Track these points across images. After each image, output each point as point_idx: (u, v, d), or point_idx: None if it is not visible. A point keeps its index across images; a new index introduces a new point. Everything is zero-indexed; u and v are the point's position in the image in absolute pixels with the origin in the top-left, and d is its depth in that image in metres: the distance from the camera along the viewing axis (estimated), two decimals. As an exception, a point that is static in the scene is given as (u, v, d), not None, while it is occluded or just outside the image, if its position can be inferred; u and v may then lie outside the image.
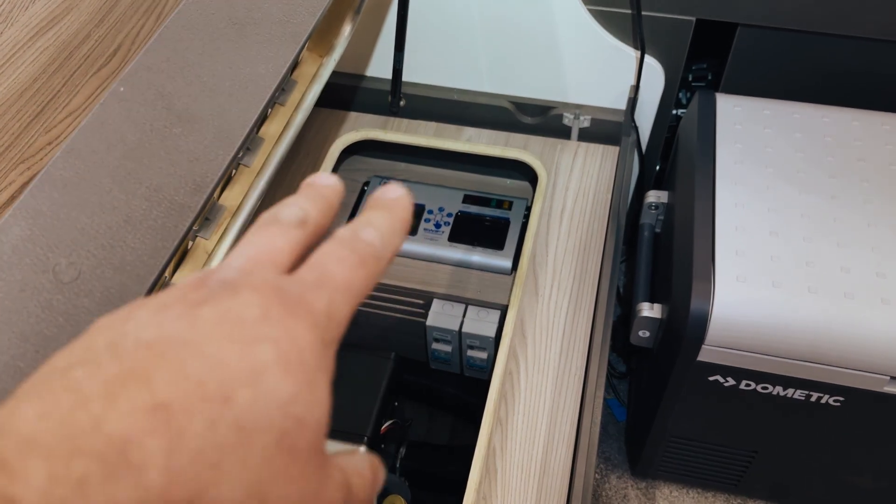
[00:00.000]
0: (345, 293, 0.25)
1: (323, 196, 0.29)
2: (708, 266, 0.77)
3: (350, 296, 0.25)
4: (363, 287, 0.26)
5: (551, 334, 0.86)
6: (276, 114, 0.85)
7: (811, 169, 0.86)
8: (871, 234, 0.80)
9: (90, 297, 0.36)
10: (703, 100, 0.93)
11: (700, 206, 0.82)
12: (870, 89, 0.98)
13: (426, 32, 1.02)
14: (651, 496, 1.06)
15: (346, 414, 0.87)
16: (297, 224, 0.27)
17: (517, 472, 0.76)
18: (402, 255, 1.04)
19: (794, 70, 0.98)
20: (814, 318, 0.75)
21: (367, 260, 0.26)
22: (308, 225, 0.28)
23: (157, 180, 0.39)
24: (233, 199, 0.78)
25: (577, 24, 0.96)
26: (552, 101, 1.05)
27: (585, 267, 0.91)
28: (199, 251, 0.76)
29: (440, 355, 1.04)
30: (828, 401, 0.81)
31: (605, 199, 0.98)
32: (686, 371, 0.81)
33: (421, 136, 1.07)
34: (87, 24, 0.75)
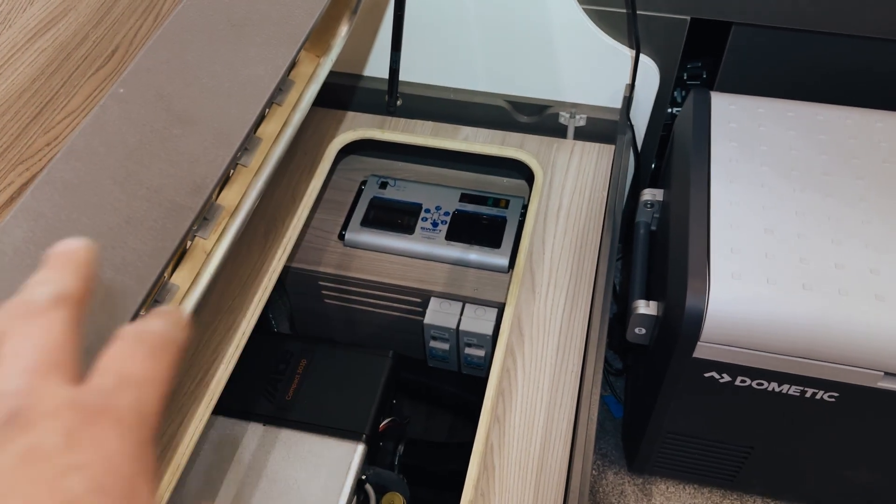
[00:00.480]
0: (149, 386, 0.23)
1: (73, 261, 0.26)
2: (703, 263, 0.78)
3: (155, 387, 0.24)
4: (165, 374, 0.24)
5: (548, 332, 0.87)
6: (273, 113, 0.85)
7: (805, 166, 0.87)
8: (865, 231, 0.80)
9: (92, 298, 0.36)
10: (698, 98, 0.93)
11: (695, 204, 0.83)
12: (863, 87, 0.99)
13: (423, 32, 1.02)
14: (648, 492, 1.06)
15: (345, 412, 0.88)
16: (56, 303, 0.24)
17: (515, 469, 0.77)
18: (400, 253, 1.05)
19: (789, 68, 0.99)
20: (808, 315, 0.76)
21: (160, 347, 0.24)
22: (70, 300, 0.25)
23: (158, 181, 0.39)
24: (231, 198, 0.78)
25: (573, 24, 0.97)
26: (548, 100, 1.06)
27: (582, 265, 0.92)
28: (198, 251, 0.76)
29: (438, 353, 1.05)
30: (822, 396, 0.81)
31: (601, 198, 0.99)
32: (682, 368, 0.82)
33: (418, 136, 1.08)
34: (85, 25, 0.75)
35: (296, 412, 0.88)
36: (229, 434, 0.88)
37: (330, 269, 1.03)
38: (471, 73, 1.06)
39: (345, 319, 1.10)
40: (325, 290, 1.06)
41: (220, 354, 0.83)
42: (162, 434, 0.77)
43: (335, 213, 1.09)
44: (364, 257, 1.05)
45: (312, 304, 1.09)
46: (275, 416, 0.88)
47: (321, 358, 0.93)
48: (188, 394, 0.80)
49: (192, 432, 0.78)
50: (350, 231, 1.06)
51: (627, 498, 1.06)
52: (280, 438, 0.87)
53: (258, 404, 0.89)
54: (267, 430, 0.88)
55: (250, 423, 0.88)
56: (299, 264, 1.04)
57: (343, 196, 1.12)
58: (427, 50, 1.04)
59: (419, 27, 1.02)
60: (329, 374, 0.92)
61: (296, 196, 0.99)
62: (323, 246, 1.06)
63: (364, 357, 0.94)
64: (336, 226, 1.08)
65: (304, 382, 0.91)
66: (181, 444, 0.77)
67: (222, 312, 0.86)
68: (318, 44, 0.88)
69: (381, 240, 1.05)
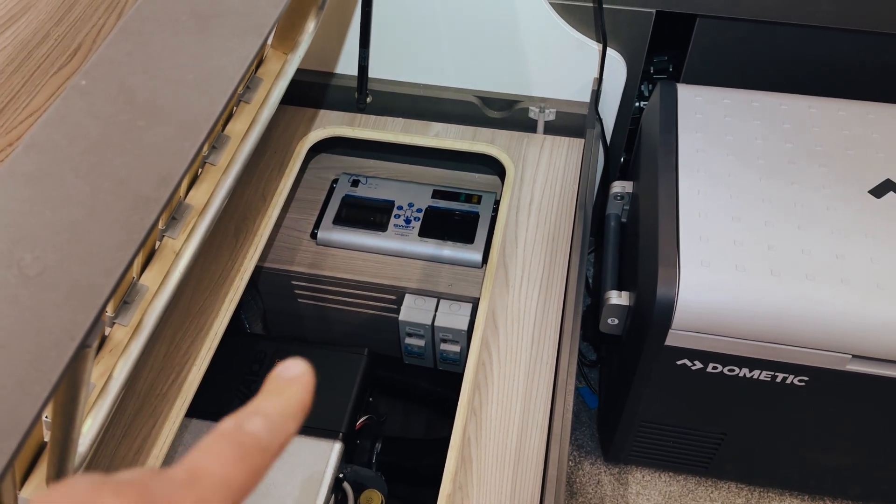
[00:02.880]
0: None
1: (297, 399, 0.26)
2: (673, 252, 0.79)
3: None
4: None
5: (523, 325, 0.87)
6: (241, 112, 0.84)
7: (771, 155, 0.88)
8: (830, 218, 0.82)
9: (57, 290, 0.35)
10: (665, 90, 0.94)
11: (664, 195, 0.84)
12: (826, 77, 1.01)
13: (391, 28, 1.02)
14: (624, 481, 1.07)
15: (321, 411, 0.87)
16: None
17: (492, 461, 0.77)
18: (374, 251, 1.04)
19: (753, 59, 1.01)
20: (777, 301, 0.77)
21: (251, 453, 0.23)
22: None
23: (122, 174, 0.39)
24: (200, 197, 0.78)
25: (540, 18, 0.97)
26: (517, 95, 1.06)
27: (554, 258, 0.93)
28: (167, 251, 0.75)
29: (413, 350, 1.05)
30: (793, 381, 0.83)
31: (572, 191, 1.00)
32: (654, 356, 0.83)
33: (389, 133, 1.08)
34: (46, 22, 0.74)
35: (271, 412, 0.88)
36: (204, 436, 0.87)
37: (303, 268, 1.03)
38: (440, 69, 1.06)
39: (319, 318, 1.10)
40: (299, 289, 1.05)
41: (192, 356, 0.82)
42: (134, 437, 0.76)
43: (307, 212, 1.09)
44: (337, 256, 1.04)
45: (286, 304, 1.08)
46: (250, 416, 0.87)
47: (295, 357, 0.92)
48: (161, 396, 0.79)
49: (167, 434, 0.77)
50: (322, 230, 1.05)
51: (604, 487, 1.07)
52: (255, 439, 0.86)
53: (233, 406, 0.88)
54: (242, 431, 0.87)
55: (225, 425, 0.87)
56: (271, 264, 1.03)
57: (315, 194, 1.11)
58: (396, 46, 1.04)
59: (388, 23, 1.02)
60: (304, 373, 0.91)
61: (266, 195, 0.98)
62: (295, 245, 1.05)
63: (339, 355, 0.94)
64: (308, 225, 1.07)
65: (279, 382, 0.90)
66: (155, 446, 0.76)
67: (193, 314, 0.85)
68: (286, 41, 0.87)
69: (353, 238, 1.05)
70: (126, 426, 0.77)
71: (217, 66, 0.43)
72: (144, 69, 0.42)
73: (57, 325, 0.34)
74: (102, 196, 0.38)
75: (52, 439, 0.51)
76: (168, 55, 0.44)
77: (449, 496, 0.75)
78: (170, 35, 0.45)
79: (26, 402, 0.33)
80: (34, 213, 0.36)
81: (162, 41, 0.44)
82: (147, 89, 0.42)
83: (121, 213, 0.37)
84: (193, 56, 0.44)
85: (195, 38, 0.45)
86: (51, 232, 0.36)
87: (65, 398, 0.44)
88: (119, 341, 0.68)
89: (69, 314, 0.35)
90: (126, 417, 0.77)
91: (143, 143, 0.40)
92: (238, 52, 0.44)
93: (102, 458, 0.74)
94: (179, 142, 0.39)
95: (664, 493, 1.06)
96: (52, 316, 0.35)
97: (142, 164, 0.39)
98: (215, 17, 0.46)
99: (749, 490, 1.07)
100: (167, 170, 0.38)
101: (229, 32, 0.45)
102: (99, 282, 0.36)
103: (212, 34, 0.45)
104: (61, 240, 0.37)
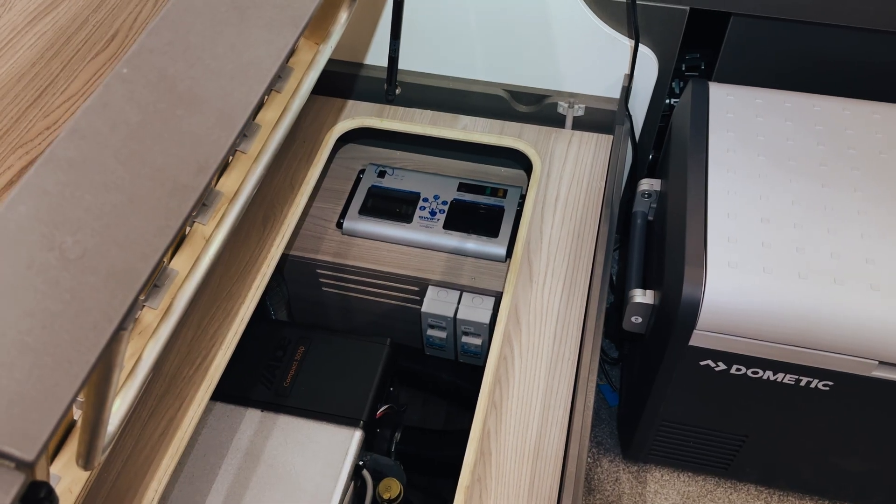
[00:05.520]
0: None
1: None
2: (700, 252, 0.78)
3: None
4: None
5: (545, 320, 0.87)
6: (272, 101, 0.85)
7: (802, 157, 0.87)
8: (861, 222, 0.81)
9: (96, 274, 0.36)
10: (697, 88, 0.94)
11: (692, 194, 0.83)
12: (861, 78, 0.99)
13: (422, 21, 1.02)
14: (642, 479, 1.07)
15: (343, 399, 0.88)
16: None
17: (511, 455, 0.78)
18: (398, 242, 1.05)
19: (786, 59, 0.99)
20: (804, 304, 0.76)
21: None
22: None
23: (161, 161, 0.39)
24: (230, 185, 0.79)
25: (572, 12, 0.97)
26: (547, 90, 1.06)
27: (579, 254, 0.92)
28: (197, 237, 0.76)
29: (435, 342, 1.05)
30: (817, 385, 0.82)
31: (599, 188, 0.99)
32: (678, 356, 0.83)
33: (416, 125, 1.08)
34: (85, 9, 0.75)
35: (293, 399, 0.89)
36: (228, 419, 0.88)
37: (328, 257, 1.04)
38: (470, 62, 1.06)
39: (342, 307, 1.11)
40: (323, 277, 1.06)
41: (219, 340, 0.83)
42: (160, 418, 0.78)
43: (333, 202, 1.09)
44: (362, 246, 1.05)
45: (310, 292, 1.09)
46: (272, 402, 0.89)
47: (319, 345, 0.94)
48: (187, 378, 0.81)
49: (191, 417, 0.78)
50: (348, 219, 1.06)
51: (622, 485, 1.07)
52: (278, 424, 0.87)
53: (256, 390, 0.90)
54: (265, 416, 0.88)
55: (248, 409, 0.88)
56: (297, 252, 1.04)
57: (341, 184, 1.12)
58: (426, 39, 1.05)
59: (418, 16, 1.02)
60: (327, 361, 0.92)
61: (294, 184, 0.99)
62: (321, 234, 1.06)
63: (361, 345, 0.95)
64: (334, 214, 1.08)
65: (302, 369, 0.91)
66: (180, 427, 0.77)
67: (221, 298, 0.86)
68: (318, 31, 0.88)
69: (379, 228, 1.06)
70: (153, 408, 0.79)
71: (254, 57, 0.44)
72: (184, 59, 0.43)
73: (95, 308, 0.35)
74: (141, 182, 0.39)
75: (84, 418, 0.52)
76: (207, 45, 0.44)
77: (467, 488, 0.75)
78: (209, 25, 0.46)
79: (65, 381, 0.34)
80: (76, 198, 0.37)
81: (201, 31, 0.45)
82: (186, 78, 0.42)
83: (159, 200, 0.38)
84: (232, 47, 0.44)
85: (234, 28, 0.45)
86: (91, 216, 0.37)
87: (99, 379, 0.45)
88: (148, 324, 0.70)
89: (107, 297, 0.36)
90: (153, 399, 0.79)
91: (182, 132, 0.41)
92: (275, 44, 0.44)
93: (129, 438, 0.76)
94: (217, 131, 0.40)
95: (682, 493, 1.06)
96: (91, 299, 0.35)
97: (180, 152, 0.40)
98: (253, 9, 0.46)
99: (769, 493, 1.06)
100: (204, 158, 0.39)
101: (267, 24, 0.46)
102: (136, 266, 0.37)
103: (250, 25, 0.46)
104: (101, 224, 0.37)
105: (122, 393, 0.63)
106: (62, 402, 0.34)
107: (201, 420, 0.88)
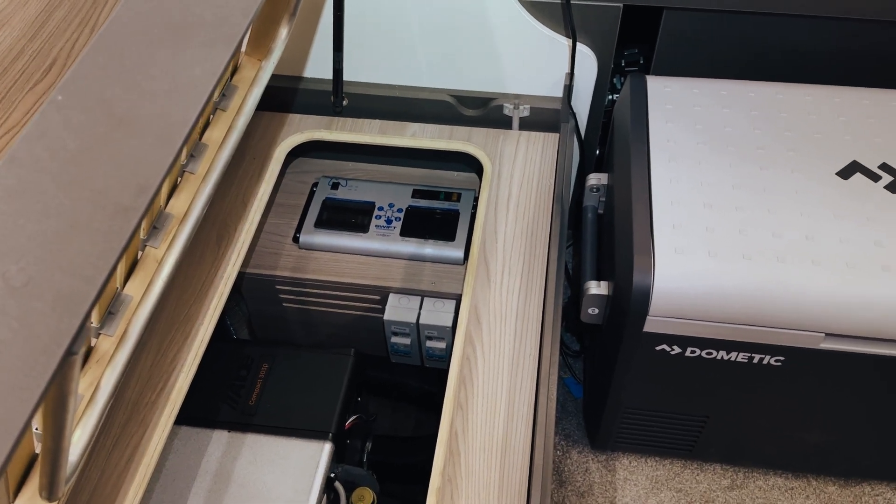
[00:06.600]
0: None
1: None
2: (647, 241, 0.81)
3: None
4: None
5: (505, 319, 0.89)
6: (218, 119, 0.85)
7: (740, 142, 0.90)
8: (799, 201, 0.84)
9: (42, 300, 0.36)
10: (635, 83, 0.96)
11: (637, 185, 0.86)
12: (792, 63, 1.03)
13: (364, 31, 1.03)
14: (611, 468, 1.09)
15: (310, 413, 0.88)
16: None
17: (480, 453, 0.79)
18: (356, 252, 1.05)
19: (720, 48, 1.03)
20: (750, 284, 0.79)
21: None
22: None
23: (101, 184, 0.40)
24: (180, 206, 0.78)
25: (511, 16, 0.99)
26: (492, 93, 1.08)
27: (534, 251, 0.94)
28: (150, 260, 0.76)
29: (400, 348, 1.06)
30: (769, 361, 0.85)
31: (549, 185, 1.01)
32: (634, 343, 0.85)
33: (366, 135, 1.09)
34: (20, 39, 0.74)
35: (260, 416, 0.89)
36: (194, 442, 0.88)
37: (286, 272, 1.04)
38: (414, 69, 1.07)
39: (304, 322, 1.11)
40: (283, 293, 1.06)
41: (180, 363, 0.82)
42: (125, 446, 0.77)
43: (288, 217, 1.10)
44: (320, 258, 1.05)
45: (271, 309, 1.09)
46: (239, 421, 0.88)
47: (282, 361, 0.94)
48: (149, 404, 0.80)
49: (156, 443, 0.77)
50: (304, 233, 1.06)
51: (592, 475, 1.09)
52: (246, 443, 0.87)
53: (222, 411, 0.89)
54: (232, 437, 0.88)
55: (215, 431, 0.88)
56: (255, 269, 1.04)
57: (295, 199, 1.12)
58: (370, 49, 1.06)
59: (360, 27, 1.03)
60: (292, 376, 0.93)
61: (246, 201, 0.99)
62: (278, 250, 1.06)
63: (326, 357, 0.95)
64: (290, 229, 1.08)
65: (267, 387, 0.91)
66: (146, 454, 0.77)
67: (179, 321, 0.86)
68: (259, 47, 0.88)
69: (336, 240, 1.06)
70: (116, 436, 0.78)
71: (190, 77, 0.44)
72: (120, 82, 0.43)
73: (44, 334, 0.35)
74: (82, 207, 0.39)
75: (43, 449, 0.52)
76: (142, 67, 0.45)
77: (438, 490, 0.76)
78: (143, 47, 0.46)
79: (17, 408, 0.34)
80: (18, 226, 0.37)
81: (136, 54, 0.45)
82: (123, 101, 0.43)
83: (101, 223, 0.38)
84: (167, 67, 0.45)
85: (168, 49, 0.46)
86: (34, 243, 0.37)
87: (54, 406, 0.45)
88: (105, 351, 0.69)
89: (55, 322, 0.36)
90: (116, 427, 0.78)
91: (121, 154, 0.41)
92: (210, 62, 0.45)
93: (94, 468, 0.75)
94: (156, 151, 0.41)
95: (651, 478, 1.08)
96: (39, 324, 0.35)
97: (120, 175, 0.40)
98: (187, 29, 0.47)
99: (734, 471, 1.09)
100: (145, 179, 0.39)
101: (201, 43, 0.46)
102: (82, 289, 0.37)
103: (184, 45, 0.46)
104: (44, 251, 0.38)
105: (81, 422, 0.62)
106: (15, 428, 0.34)
107: (167, 445, 0.87)
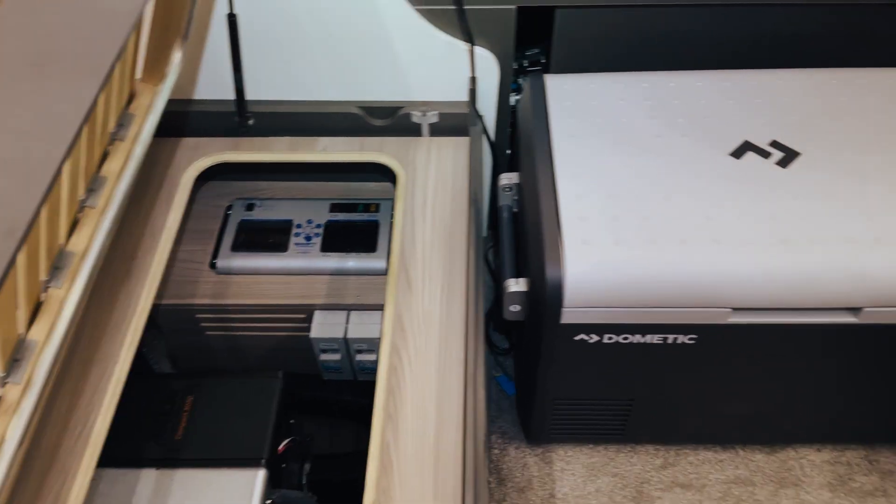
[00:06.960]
0: None
1: None
2: (556, 235, 0.83)
3: None
4: None
5: (429, 325, 0.89)
6: (116, 150, 0.83)
7: (638, 132, 0.93)
8: (697, 184, 0.88)
9: None
10: (534, 82, 0.98)
11: (543, 181, 0.87)
12: (680, 51, 1.07)
13: (263, 49, 1.03)
14: (548, 460, 1.11)
15: (240, 441, 0.87)
16: None
17: (412, 462, 0.79)
18: (277, 272, 1.04)
19: (614, 43, 1.06)
20: (656, 267, 0.82)
21: None
22: None
23: (-33, 231, 0.38)
24: (81, 243, 0.76)
25: (408, 24, 1.00)
26: (399, 102, 1.08)
27: (453, 255, 0.95)
28: (53, 302, 0.73)
29: (330, 365, 1.05)
30: (683, 340, 0.88)
31: (463, 188, 1.02)
32: (553, 335, 0.87)
33: (275, 153, 1.08)
34: None
35: (188, 450, 0.87)
36: (121, 484, 0.85)
37: (206, 299, 1.02)
38: (319, 83, 1.07)
39: (230, 348, 1.09)
40: (204, 321, 1.04)
41: (96, 405, 0.80)
42: (46, 496, 0.74)
43: (203, 243, 1.08)
44: (240, 282, 1.04)
45: (192, 338, 1.07)
46: (167, 457, 0.86)
47: (207, 391, 0.92)
48: (68, 450, 0.77)
49: (78, 489, 0.75)
50: (221, 258, 1.05)
51: (531, 469, 1.10)
52: (176, 479, 0.85)
53: (147, 449, 0.87)
54: (161, 474, 0.85)
55: (142, 470, 0.85)
56: (171, 300, 1.01)
57: (209, 224, 1.10)
58: (271, 66, 1.05)
59: (258, 45, 1.02)
60: (218, 405, 0.91)
61: (156, 231, 0.96)
62: (195, 277, 1.04)
63: (252, 382, 0.93)
64: (206, 255, 1.06)
65: (193, 419, 0.89)
66: (68, 502, 0.74)
67: (93, 362, 0.83)
68: (154, 73, 0.86)
69: (255, 262, 1.05)
70: (36, 487, 0.75)
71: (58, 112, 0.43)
72: (-20, 124, 0.42)
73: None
74: (-52, 257, 0.37)
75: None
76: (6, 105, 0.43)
77: (374, 502, 0.76)
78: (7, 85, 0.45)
79: None
80: None
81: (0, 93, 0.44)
82: (-14, 143, 0.41)
83: (-30, 272, 0.37)
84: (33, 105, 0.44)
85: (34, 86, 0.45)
86: None
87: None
88: (13, 401, 0.67)
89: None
90: (35, 477, 0.75)
91: (-13, 198, 0.39)
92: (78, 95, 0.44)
93: (12, 523, 0.72)
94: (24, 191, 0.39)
95: (587, 466, 1.10)
96: None
97: (-12, 220, 0.39)
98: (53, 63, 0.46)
99: (665, 450, 1.12)
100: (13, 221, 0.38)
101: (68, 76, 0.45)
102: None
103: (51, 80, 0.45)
104: None
105: (-12, 477, 0.60)
106: None
107: (92, 490, 0.84)
